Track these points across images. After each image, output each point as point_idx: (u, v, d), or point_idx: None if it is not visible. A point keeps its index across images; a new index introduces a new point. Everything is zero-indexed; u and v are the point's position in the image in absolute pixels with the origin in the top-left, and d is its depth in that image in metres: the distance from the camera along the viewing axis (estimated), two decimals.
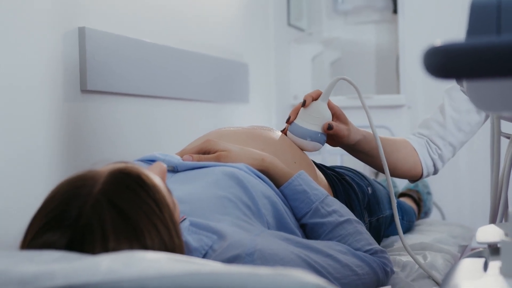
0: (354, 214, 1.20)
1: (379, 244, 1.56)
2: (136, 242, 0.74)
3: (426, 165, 1.50)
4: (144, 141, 1.68)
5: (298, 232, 1.12)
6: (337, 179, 1.44)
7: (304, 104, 1.35)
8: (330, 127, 1.33)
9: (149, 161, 1.20)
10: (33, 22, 1.27)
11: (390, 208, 1.57)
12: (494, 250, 0.81)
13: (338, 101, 1.63)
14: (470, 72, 0.63)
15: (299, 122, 1.36)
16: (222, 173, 1.11)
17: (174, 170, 1.17)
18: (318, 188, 1.18)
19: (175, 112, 1.85)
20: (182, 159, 1.19)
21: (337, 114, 1.37)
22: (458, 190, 2.67)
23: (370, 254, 1.10)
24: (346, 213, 1.16)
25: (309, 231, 1.15)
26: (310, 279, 0.61)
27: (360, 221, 1.17)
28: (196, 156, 1.20)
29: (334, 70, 3.21)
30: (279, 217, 1.10)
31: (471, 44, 0.62)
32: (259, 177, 1.15)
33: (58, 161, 1.33)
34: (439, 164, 1.53)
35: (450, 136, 1.51)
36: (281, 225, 1.10)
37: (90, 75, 1.42)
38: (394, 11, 3.09)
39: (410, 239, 1.65)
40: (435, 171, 1.54)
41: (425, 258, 1.41)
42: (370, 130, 1.38)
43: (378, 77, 3.24)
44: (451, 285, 0.70)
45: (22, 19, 1.23)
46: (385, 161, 1.33)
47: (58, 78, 1.34)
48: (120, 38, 1.54)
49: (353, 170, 1.59)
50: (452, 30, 2.23)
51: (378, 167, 1.45)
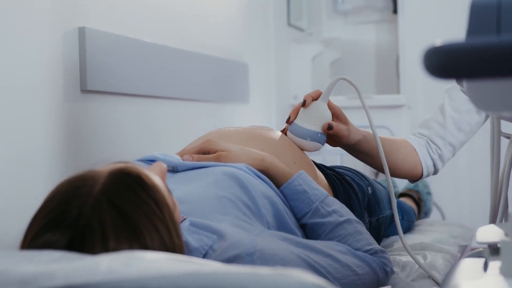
0: (354, 214, 1.20)
1: (379, 244, 1.56)
2: (136, 242, 0.74)
3: (426, 165, 1.50)
4: (144, 141, 1.68)
5: (298, 232, 1.12)
6: (337, 179, 1.44)
7: (304, 104, 1.35)
8: (330, 127, 1.33)
9: (149, 161, 1.20)
10: (33, 22, 1.26)
11: (390, 208, 1.57)
12: (494, 250, 0.80)
13: (338, 101, 1.63)
14: (470, 72, 0.63)
15: (299, 122, 1.36)
16: (222, 173, 1.11)
17: (174, 170, 1.17)
18: (318, 188, 1.18)
19: (175, 112, 1.85)
20: (182, 159, 1.19)
21: (337, 114, 1.37)
22: (458, 190, 2.67)
23: (370, 254, 1.10)
24: (346, 213, 1.16)
25: (309, 231, 1.15)
26: (310, 279, 0.61)
27: (360, 221, 1.17)
28: (196, 156, 1.20)
29: (334, 70, 3.21)
30: (279, 217, 1.10)
31: (471, 44, 0.62)
32: (259, 177, 1.15)
33: (58, 161, 1.33)
34: (439, 164, 1.52)
35: (450, 136, 1.51)
36: (281, 225, 1.10)
37: (90, 75, 1.42)
38: (394, 11, 3.09)
39: (410, 239, 1.65)
40: (435, 171, 1.54)
41: (425, 258, 1.41)
42: (370, 130, 1.38)
43: (378, 77, 3.24)
44: (451, 285, 0.70)
45: (22, 19, 1.23)
46: (385, 161, 1.33)
47: (58, 78, 1.34)
48: (120, 38, 1.54)
49: (353, 170, 1.59)
50: (452, 30, 2.23)
51: (378, 167, 1.45)
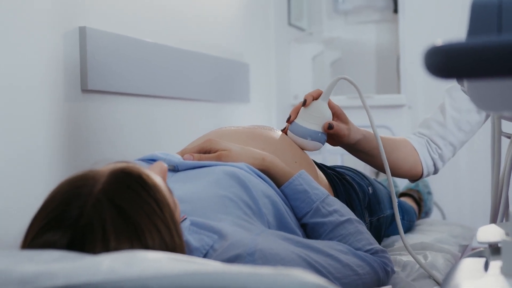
0: (355, 214, 1.20)
1: (380, 243, 1.56)
2: (137, 242, 0.74)
3: (427, 164, 1.50)
4: (144, 140, 1.68)
5: (298, 231, 1.12)
6: (337, 179, 1.44)
7: (304, 103, 1.35)
8: (330, 127, 1.33)
9: (150, 160, 1.20)
10: (33, 22, 1.26)
11: (390, 207, 1.57)
12: (494, 249, 0.80)
13: (338, 100, 1.63)
14: (471, 71, 0.63)
15: (300, 121, 1.36)
16: (223, 172, 1.11)
17: (174, 169, 1.17)
18: (319, 187, 1.18)
19: (176, 112, 1.85)
20: (183, 159, 1.19)
21: (337, 114, 1.37)
22: (458, 190, 2.67)
23: (371, 254, 1.10)
24: (347, 212, 1.16)
25: (309, 231, 1.15)
26: (310, 279, 0.61)
27: (360, 220, 1.17)
28: (197, 155, 1.20)
29: (334, 69, 3.21)
30: (280, 216, 1.10)
31: (472, 43, 0.62)
32: (260, 176, 1.15)
33: (58, 161, 1.33)
34: (440, 163, 1.52)
35: (451, 135, 1.50)
36: (281, 224, 1.10)
37: (91, 75, 1.42)
38: (395, 11, 3.09)
39: (411, 239, 1.65)
40: (436, 171, 1.54)
41: (425, 257, 1.41)
42: (370, 130, 1.38)
43: (379, 76, 3.24)
44: (452, 285, 0.70)
45: (22, 19, 1.23)
46: (385, 160, 1.33)
47: (58, 78, 1.34)
48: (120, 37, 1.54)
49: (353, 169, 1.59)
50: (452, 30, 2.23)
51: (379, 167, 1.45)
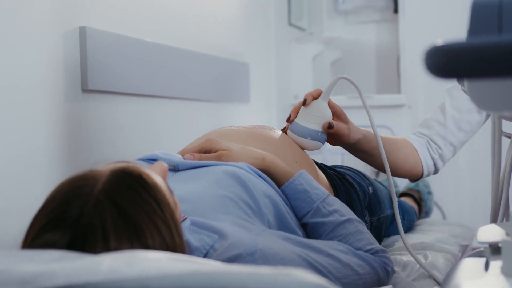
0: (355, 214, 1.20)
1: (380, 243, 1.56)
2: (137, 242, 0.74)
3: (427, 164, 1.50)
4: (144, 140, 1.68)
5: (299, 231, 1.12)
6: (338, 179, 1.44)
7: (304, 103, 1.35)
8: (330, 126, 1.33)
9: (150, 160, 1.20)
10: (33, 22, 1.26)
11: (391, 207, 1.57)
12: (495, 249, 0.80)
13: (338, 100, 1.63)
14: (472, 71, 0.63)
15: (300, 121, 1.36)
16: (223, 172, 1.11)
17: (175, 169, 1.17)
18: (319, 187, 1.18)
19: (176, 111, 1.85)
20: (183, 158, 1.19)
21: (337, 113, 1.37)
22: (459, 190, 2.67)
23: (371, 254, 1.10)
24: (347, 212, 1.16)
25: (310, 231, 1.15)
26: (311, 279, 0.61)
27: (361, 220, 1.17)
28: (197, 155, 1.20)
29: (334, 69, 3.21)
30: (280, 216, 1.10)
31: (473, 43, 0.62)
32: (260, 176, 1.15)
33: (58, 161, 1.33)
34: (440, 163, 1.52)
35: (451, 135, 1.50)
36: (282, 224, 1.10)
37: (91, 75, 1.42)
38: (395, 11, 3.09)
39: (411, 239, 1.65)
40: (436, 171, 1.54)
41: (426, 257, 1.41)
42: (370, 130, 1.38)
43: (379, 76, 3.24)
44: (452, 284, 0.70)
45: (22, 19, 1.23)
46: (386, 160, 1.33)
47: (59, 77, 1.34)
48: (121, 37, 1.54)
49: (354, 169, 1.59)
50: (452, 30, 2.23)
51: (379, 167, 1.45)
